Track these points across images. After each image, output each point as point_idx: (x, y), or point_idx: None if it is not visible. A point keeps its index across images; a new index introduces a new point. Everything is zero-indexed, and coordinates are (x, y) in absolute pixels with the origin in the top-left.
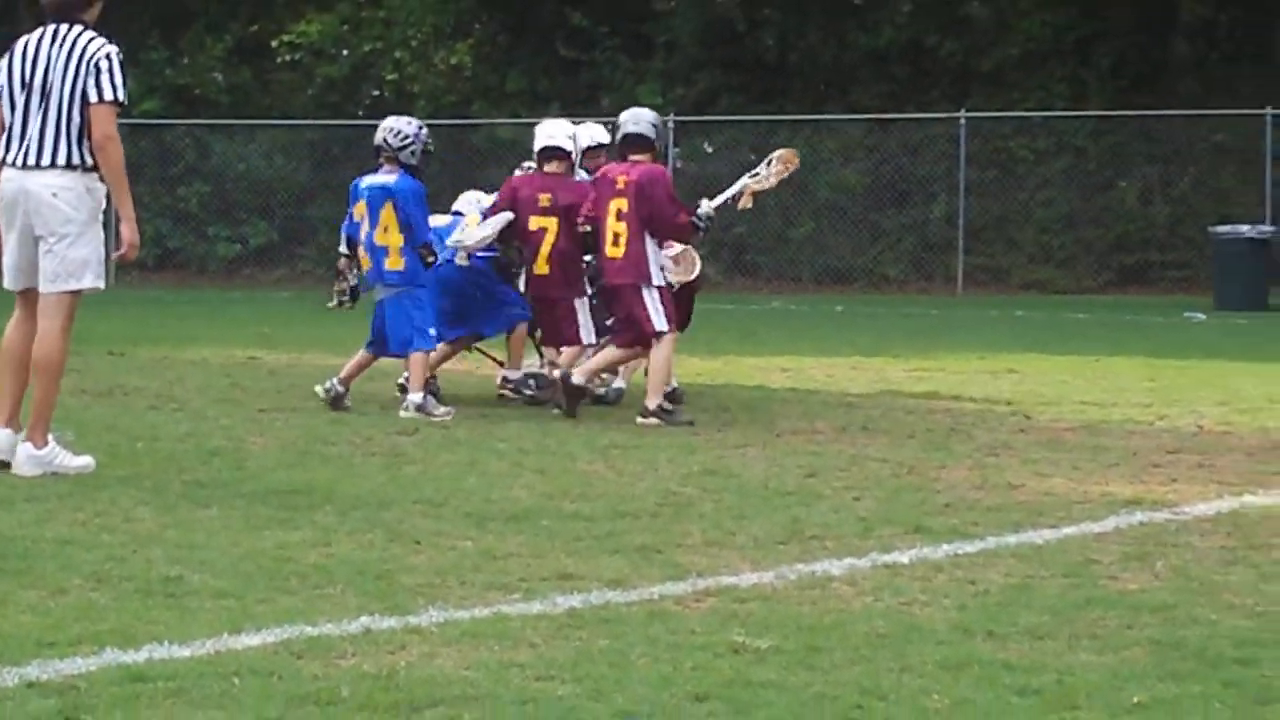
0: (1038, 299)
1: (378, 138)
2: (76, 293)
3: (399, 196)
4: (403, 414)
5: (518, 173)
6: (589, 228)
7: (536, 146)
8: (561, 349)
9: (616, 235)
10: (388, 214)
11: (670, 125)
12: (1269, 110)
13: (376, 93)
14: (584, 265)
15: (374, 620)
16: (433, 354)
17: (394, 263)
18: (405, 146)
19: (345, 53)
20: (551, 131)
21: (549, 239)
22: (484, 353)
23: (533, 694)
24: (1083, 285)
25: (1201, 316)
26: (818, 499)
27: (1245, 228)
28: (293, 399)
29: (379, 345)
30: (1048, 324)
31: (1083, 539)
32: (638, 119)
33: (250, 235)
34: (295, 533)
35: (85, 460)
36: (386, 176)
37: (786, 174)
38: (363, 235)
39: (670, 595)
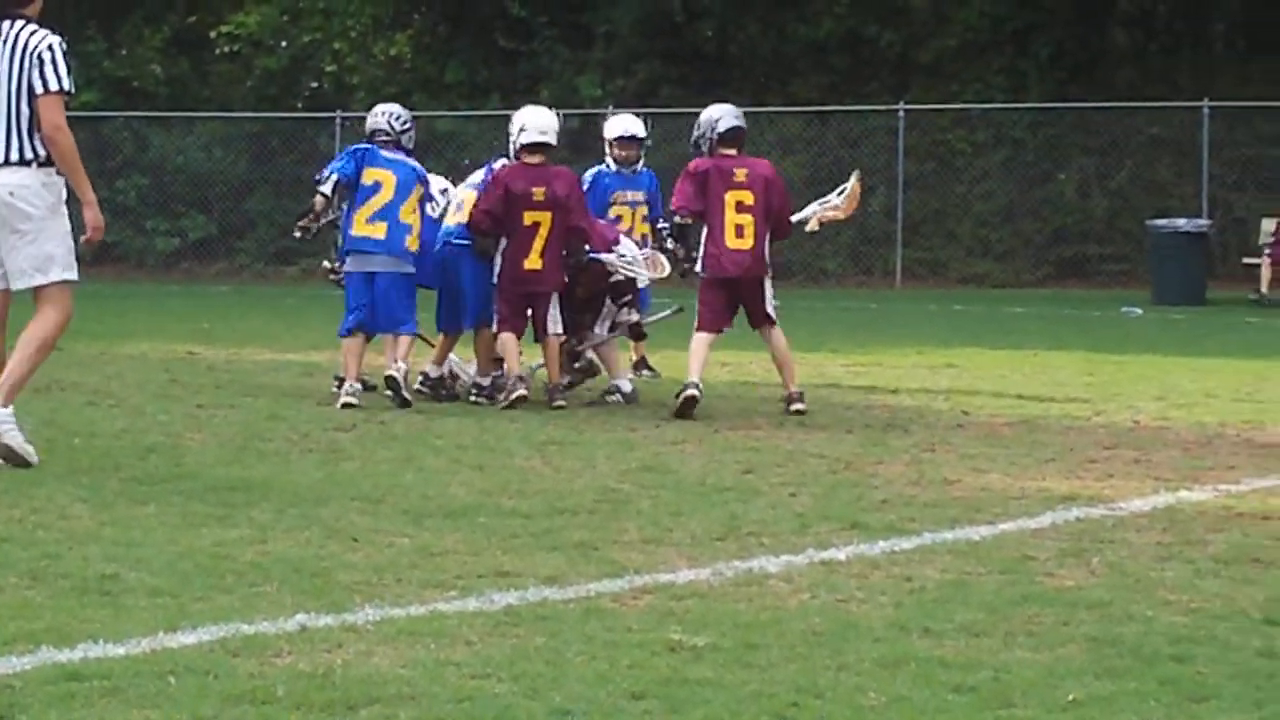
0: (976, 293)
1: (375, 123)
2: (67, 285)
3: (426, 185)
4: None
5: (498, 164)
6: (688, 220)
7: (525, 140)
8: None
9: (741, 227)
10: (417, 195)
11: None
12: (1206, 102)
13: (315, 84)
14: (564, 257)
15: (310, 618)
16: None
17: (413, 243)
18: (405, 130)
19: (284, 44)
20: (542, 126)
21: (543, 233)
22: (426, 339)
23: (469, 692)
24: (1021, 279)
25: (1139, 311)
26: (755, 495)
27: (1182, 221)
28: (231, 395)
29: (369, 321)
30: (986, 318)
31: (1019, 535)
32: (737, 114)
33: (189, 229)
34: (232, 530)
35: (30, 449)
36: (411, 160)
37: (854, 210)
38: (376, 205)
39: (607, 593)
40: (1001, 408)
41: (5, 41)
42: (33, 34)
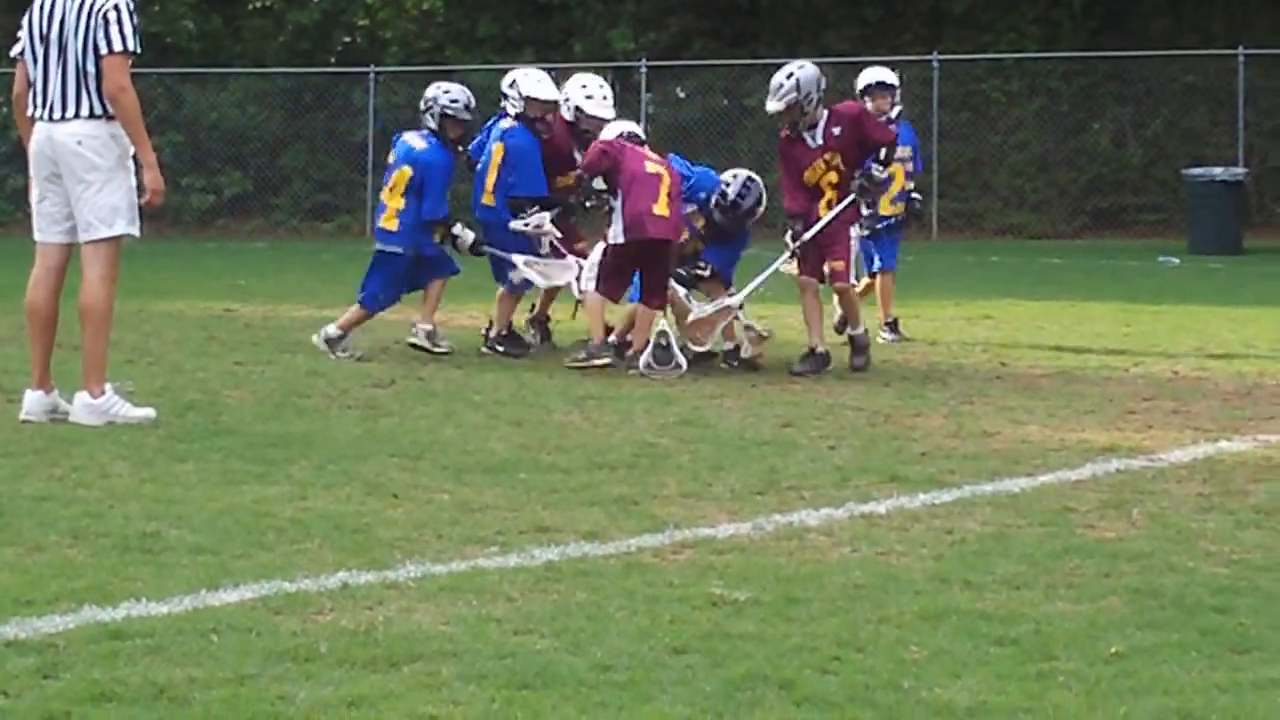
0: (1012, 244)
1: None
2: (115, 240)
3: (417, 165)
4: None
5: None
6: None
7: (619, 130)
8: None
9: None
10: (400, 176)
11: (642, 70)
12: (1241, 50)
13: (348, 39)
14: None
15: (351, 575)
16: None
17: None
18: (426, 109)
19: None
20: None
21: (665, 181)
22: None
23: (511, 648)
24: (1057, 230)
25: (1176, 260)
26: (794, 449)
27: (1218, 170)
28: (268, 351)
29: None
30: (1022, 269)
31: (1059, 487)
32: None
33: (224, 186)
34: (272, 487)
35: (146, 411)
36: (418, 141)
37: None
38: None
39: (648, 547)
40: (1039, 359)
41: (72, 0)
42: None
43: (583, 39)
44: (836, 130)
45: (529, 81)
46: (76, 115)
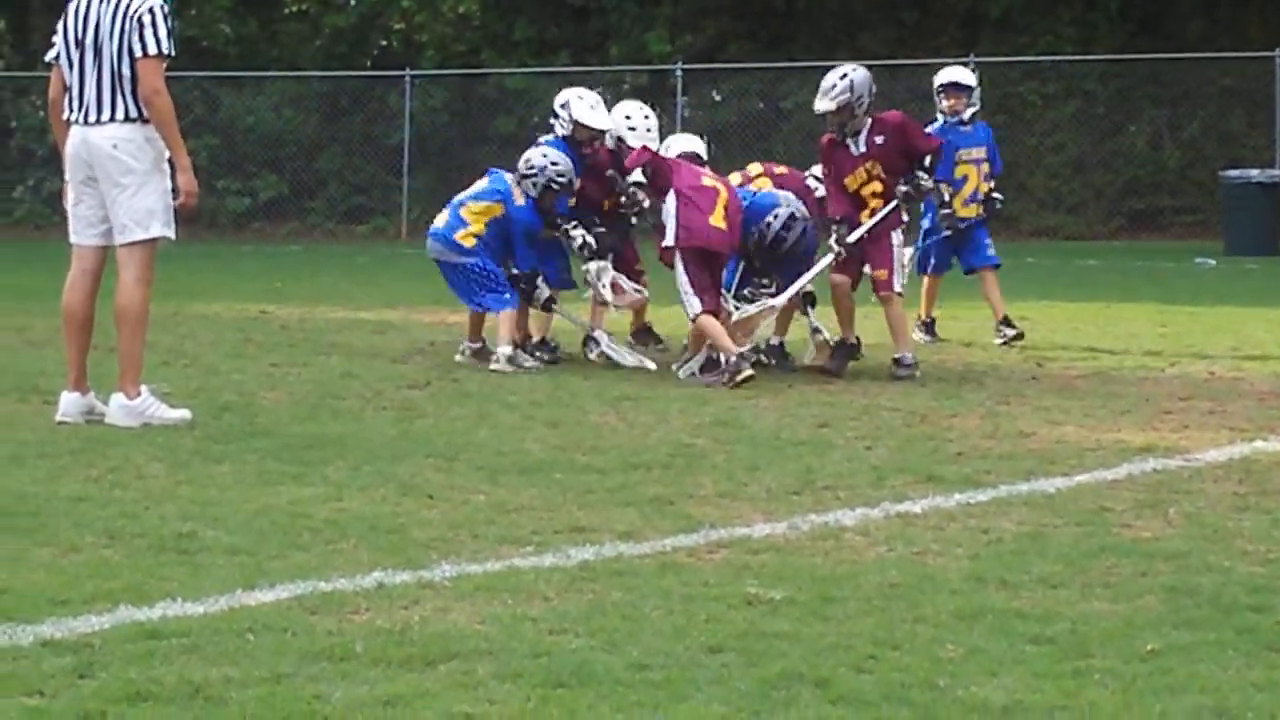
0: (1048, 245)
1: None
2: (151, 243)
3: (514, 224)
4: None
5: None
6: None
7: (681, 149)
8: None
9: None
10: (491, 210)
11: (678, 73)
12: (1278, 53)
13: (384, 43)
14: None
15: (387, 575)
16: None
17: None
18: (527, 177)
19: (352, 2)
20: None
21: (723, 196)
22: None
23: (547, 647)
24: (1093, 231)
25: (1212, 262)
26: (830, 449)
27: (1255, 172)
28: (304, 353)
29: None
30: (1059, 270)
31: (1095, 487)
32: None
33: (260, 189)
34: (308, 488)
35: (182, 413)
36: (519, 195)
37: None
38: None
39: (683, 547)
40: (1075, 360)
41: (106, 2)
42: None
43: (619, 42)
44: (879, 139)
45: (582, 106)
46: (112, 119)
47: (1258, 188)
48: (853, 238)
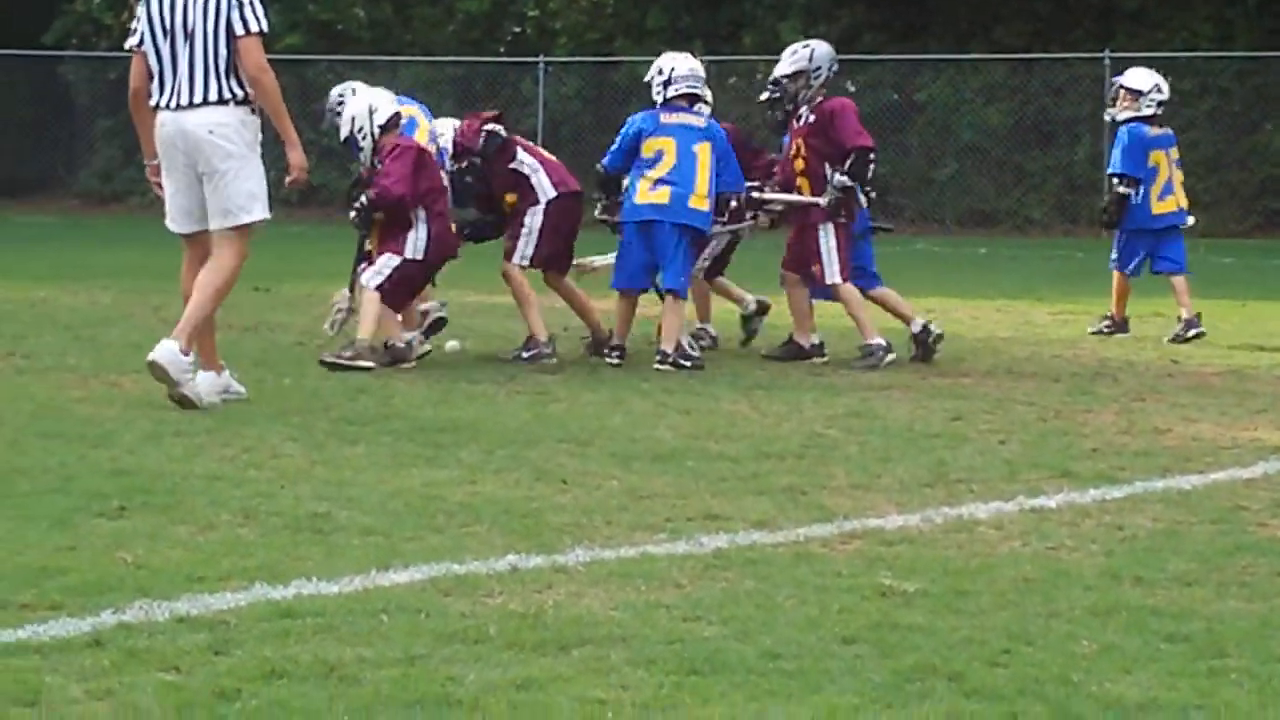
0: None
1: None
2: (246, 227)
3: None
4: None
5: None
6: None
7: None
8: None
9: None
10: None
11: None
12: None
13: (518, 29)
14: None
15: (521, 559)
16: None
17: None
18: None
19: None
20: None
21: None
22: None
23: (680, 634)
24: (1228, 229)
25: None
26: (963, 442)
27: None
28: (439, 336)
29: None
30: (1194, 267)
31: (1231, 485)
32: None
33: None
34: (442, 471)
35: (214, 400)
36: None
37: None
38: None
39: (816, 537)
40: (1211, 357)
41: None
42: None
43: (752, 31)
44: (812, 118)
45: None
46: (205, 101)
47: None
48: (767, 197)
